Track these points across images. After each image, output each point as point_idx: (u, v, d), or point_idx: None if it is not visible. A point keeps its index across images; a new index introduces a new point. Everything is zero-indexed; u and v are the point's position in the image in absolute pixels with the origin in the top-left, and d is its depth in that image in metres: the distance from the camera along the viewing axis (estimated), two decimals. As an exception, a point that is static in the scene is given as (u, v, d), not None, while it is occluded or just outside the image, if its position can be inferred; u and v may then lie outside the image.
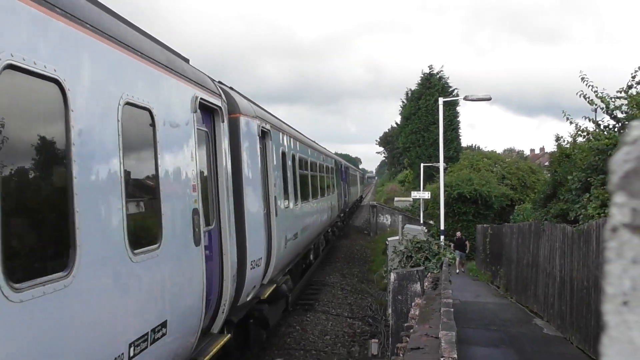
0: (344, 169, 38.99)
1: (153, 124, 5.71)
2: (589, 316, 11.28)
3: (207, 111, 7.86)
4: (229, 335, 8.25)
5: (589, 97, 16.96)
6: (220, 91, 8.57)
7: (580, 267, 12.10)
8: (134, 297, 5.20)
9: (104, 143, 4.70)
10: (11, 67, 3.44)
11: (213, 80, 8.67)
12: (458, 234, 27.49)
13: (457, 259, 25.74)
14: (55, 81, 3.89)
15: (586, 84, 16.93)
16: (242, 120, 9.35)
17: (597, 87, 16.93)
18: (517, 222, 24.32)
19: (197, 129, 7.09)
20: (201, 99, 7.24)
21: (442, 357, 5.61)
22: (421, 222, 31.86)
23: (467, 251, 26.69)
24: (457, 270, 25.72)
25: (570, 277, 12.75)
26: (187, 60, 7.75)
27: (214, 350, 7.40)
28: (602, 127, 17.22)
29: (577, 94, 17.02)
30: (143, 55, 5.65)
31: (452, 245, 25.33)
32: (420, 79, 51.09)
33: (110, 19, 5.23)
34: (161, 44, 6.80)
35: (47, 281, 3.61)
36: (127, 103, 5.07)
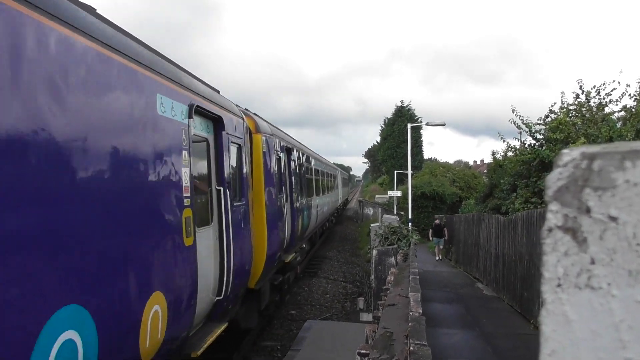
0: (300, 156, 13.02)
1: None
2: (516, 281, 11.21)
3: None
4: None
5: (517, 123, 16.94)
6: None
7: (509, 245, 12.04)
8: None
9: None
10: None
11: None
12: (437, 220, 20.07)
13: (436, 246, 20.10)
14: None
15: (515, 114, 16.92)
16: None
17: (523, 116, 16.93)
18: (463, 213, 24.22)
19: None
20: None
21: (411, 311, 5.56)
22: (395, 213, 31.68)
23: (445, 237, 19.51)
24: (437, 257, 20.01)
25: (502, 253, 12.69)
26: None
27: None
28: (526, 145, 17.20)
29: (508, 120, 16.97)
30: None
31: (430, 231, 20.29)
32: (394, 109, 51.09)
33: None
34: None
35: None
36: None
